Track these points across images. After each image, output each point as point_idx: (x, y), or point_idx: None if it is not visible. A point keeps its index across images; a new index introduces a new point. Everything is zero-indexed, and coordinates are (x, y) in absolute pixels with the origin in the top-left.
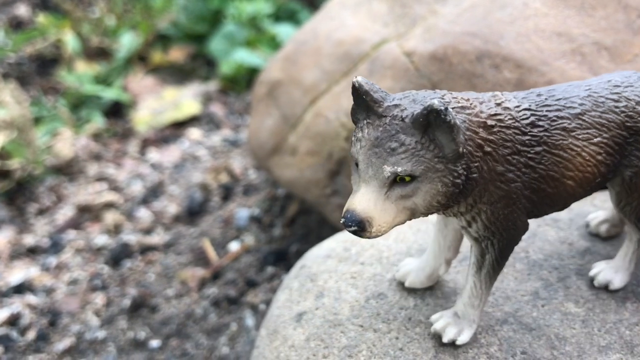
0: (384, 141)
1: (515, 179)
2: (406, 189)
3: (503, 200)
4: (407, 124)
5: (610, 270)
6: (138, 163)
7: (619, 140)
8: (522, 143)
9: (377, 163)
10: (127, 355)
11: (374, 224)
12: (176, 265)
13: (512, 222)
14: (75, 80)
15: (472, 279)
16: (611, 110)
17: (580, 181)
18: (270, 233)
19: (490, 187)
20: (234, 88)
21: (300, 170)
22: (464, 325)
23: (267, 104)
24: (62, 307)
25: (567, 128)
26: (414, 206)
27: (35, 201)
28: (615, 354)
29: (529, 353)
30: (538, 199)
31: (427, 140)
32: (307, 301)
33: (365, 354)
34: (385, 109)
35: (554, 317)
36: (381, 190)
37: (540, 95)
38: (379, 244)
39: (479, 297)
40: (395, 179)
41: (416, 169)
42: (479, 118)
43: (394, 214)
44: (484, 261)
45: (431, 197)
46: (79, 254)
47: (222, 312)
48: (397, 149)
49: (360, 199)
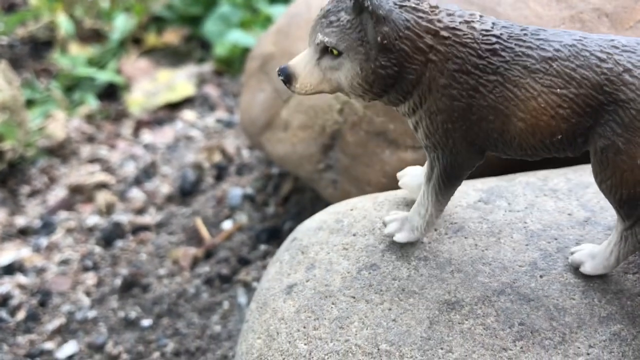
0: (329, 14)
1: (458, 97)
2: (333, 62)
3: (442, 114)
4: (349, 4)
5: (588, 253)
6: (131, 144)
7: (592, 102)
8: (475, 65)
9: (316, 31)
10: (118, 335)
11: (299, 80)
12: (168, 244)
13: (453, 140)
14: (69, 63)
15: (423, 188)
16: (590, 67)
17: (533, 128)
18: (263, 211)
19: (431, 96)
20: (228, 70)
21: (293, 145)
22: (405, 227)
23: (259, 78)
24: (53, 287)
25: (529, 67)
26: (339, 80)
27: (27, 183)
28: (616, 325)
29: (527, 324)
30: (486, 129)
31: (358, 21)
32: (298, 273)
33: (357, 325)
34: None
35: (553, 288)
36: (314, 55)
37: (524, 30)
38: (371, 215)
39: (425, 207)
40: (326, 49)
41: (340, 44)
42: (431, 24)
43: (319, 79)
44: (432, 173)
45: (352, 76)
46: (70, 234)
47: (214, 290)
48: (333, 23)
49: (297, 57)
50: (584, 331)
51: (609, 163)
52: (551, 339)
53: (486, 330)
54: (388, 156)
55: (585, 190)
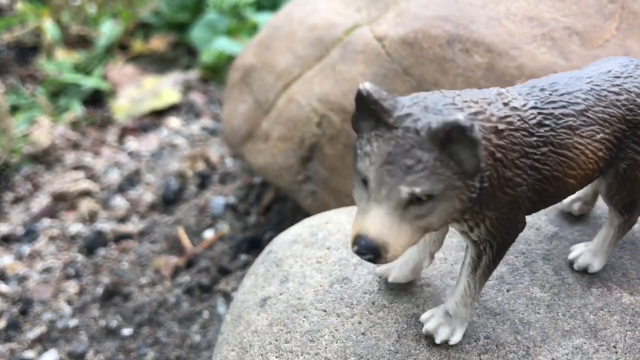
0: (398, 157)
1: (522, 182)
2: (422, 209)
3: (509, 205)
4: (422, 137)
5: (590, 253)
6: (116, 152)
7: (619, 135)
8: (530, 145)
9: (391, 182)
10: (98, 344)
11: (390, 249)
12: (150, 253)
13: (514, 224)
14: (55, 69)
15: (467, 279)
16: (613, 104)
17: (581, 179)
18: (245, 221)
19: (499, 193)
20: (214, 77)
21: (273, 156)
22: (457, 325)
23: (241, 89)
24: (34, 295)
25: (573, 126)
26: (429, 225)
27: (11, 190)
28: (579, 339)
29: (492, 338)
30: (539, 199)
31: (447, 156)
32: (272, 286)
33: (327, 338)
34: (396, 119)
35: (518, 302)
36: (395, 212)
37: (543, 90)
38: (345, 229)
39: (472, 296)
40: (412, 199)
41: (435, 188)
42: (491, 123)
43: (409, 235)
44: (480, 262)
45: (447, 214)
46: (53, 242)
47: (194, 300)
48: (413, 167)
49: (374, 222)
50: (547, 345)
51: (629, 179)
52: (515, 352)
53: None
54: None
55: (553, 206)
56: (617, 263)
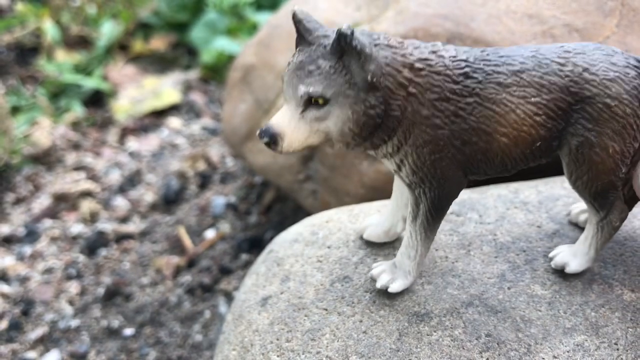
0: (305, 64)
1: (441, 125)
2: (320, 112)
3: (429, 145)
4: (327, 50)
5: (569, 253)
6: (117, 152)
7: (562, 105)
8: (452, 91)
9: (295, 84)
10: (100, 344)
11: (285, 139)
12: (151, 253)
13: (440, 170)
14: (55, 69)
15: (408, 229)
16: (554, 72)
17: (516, 140)
18: (246, 220)
19: (415, 129)
20: (214, 77)
21: (273, 156)
22: (399, 275)
23: (241, 89)
24: (36, 296)
25: (502, 83)
26: (328, 130)
27: (12, 190)
28: (580, 336)
29: (494, 335)
30: (470, 152)
31: (341, 65)
32: (273, 285)
33: (328, 337)
34: (315, 37)
35: (520, 300)
36: (297, 109)
37: (484, 51)
38: (346, 227)
39: (414, 248)
40: (310, 100)
41: (327, 91)
42: (405, 58)
43: (306, 133)
44: (418, 210)
45: (342, 122)
46: (54, 242)
47: (196, 299)
48: (313, 72)
49: (277, 115)
50: (548, 342)
51: (584, 159)
52: (517, 350)
53: (454, 342)
54: (366, 167)
55: (555, 203)
56: (618, 260)
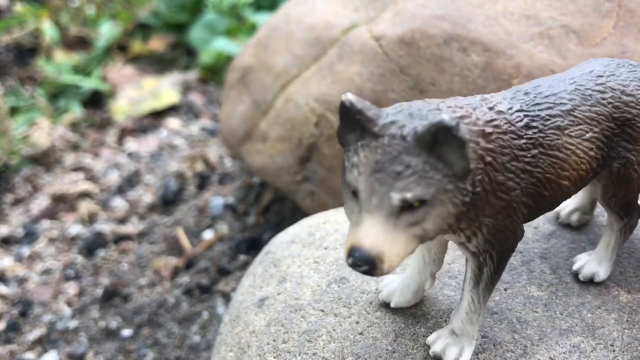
0: (386, 164)
1: (515, 186)
2: (416, 215)
3: (504, 211)
4: (409, 142)
5: (594, 262)
6: (115, 153)
7: (608, 133)
8: (519, 147)
9: (381, 190)
10: (98, 345)
11: (386, 259)
12: (150, 254)
13: (512, 231)
14: (54, 70)
15: (469, 294)
16: (599, 102)
17: (575, 180)
18: (244, 221)
19: (492, 198)
20: (213, 77)
21: (271, 156)
22: (464, 343)
23: (239, 90)
24: (34, 297)
25: (561, 126)
26: (424, 232)
27: (11, 191)
28: (576, 337)
29: (490, 337)
30: (535, 204)
31: (435, 158)
32: (270, 286)
33: (325, 338)
34: (382, 127)
35: (516, 301)
36: (389, 220)
37: (527, 93)
38: (343, 229)
39: (477, 312)
40: (404, 205)
41: (426, 192)
42: (478, 127)
43: (404, 244)
44: (481, 275)
45: (442, 220)
46: (52, 243)
47: (194, 300)
48: (403, 173)
49: (367, 232)
50: (544, 343)
51: (624, 178)
52: (513, 351)
53: None
54: None
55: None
56: (615, 261)
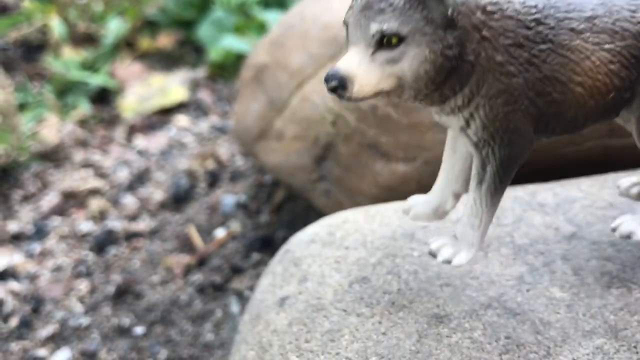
0: (373, 2)
1: (516, 73)
2: (393, 52)
3: (503, 95)
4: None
5: (635, 222)
6: (124, 149)
7: (635, 53)
8: (526, 37)
9: (365, 24)
10: (111, 342)
11: (355, 82)
12: (161, 251)
13: (513, 124)
14: (62, 66)
15: (472, 195)
16: (626, 19)
17: (591, 90)
18: (256, 219)
19: (489, 77)
20: (222, 75)
21: (287, 155)
22: (462, 247)
23: (254, 88)
24: (46, 293)
25: (575, 29)
26: (401, 73)
27: (20, 187)
28: (599, 339)
29: (513, 337)
30: (543, 105)
31: (416, 0)
32: (291, 285)
33: (347, 338)
34: None
35: (538, 302)
36: (367, 50)
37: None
38: (363, 228)
39: (478, 216)
40: (382, 41)
41: (403, 28)
42: (478, 0)
43: (378, 77)
44: (484, 173)
45: (418, 63)
46: (63, 240)
47: (207, 298)
48: (385, 9)
49: (345, 58)
50: (568, 345)
51: None
52: (536, 352)
53: (473, 344)
54: (380, 168)
55: (572, 205)
56: (637, 263)
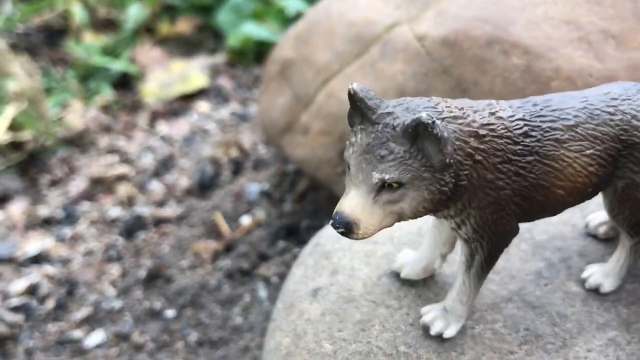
0: (374, 148)
1: (504, 186)
2: (393, 195)
3: (492, 206)
4: (397, 132)
5: (601, 274)
6: (148, 135)
7: (612, 153)
8: (514, 152)
9: (366, 169)
10: (143, 324)
11: (361, 226)
12: (189, 237)
13: (500, 226)
14: (83, 52)
15: (462, 277)
16: (606, 123)
17: (571, 191)
18: (280, 208)
19: (480, 193)
20: (241, 61)
21: (312, 149)
22: (452, 320)
23: (279, 82)
24: (79, 277)
25: (560, 139)
26: (401, 211)
27: (48, 172)
28: (612, 331)
29: (532, 329)
30: (528, 206)
31: (416, 149)
32: (322, 277)
33: (377, 328)
34: (379, 116)
35: (555, 296)
36: (369, 195)
37: (536, 105)
38: None
39: (467, 294)
40: (384, 185)
41: (403, 177)
42: (471, 128)
43: (380, 217)
44: (473, 261)
45: (417, 203)
46: (93, 225)
47: (235, 283)
48: (386, 157)
49: (349, 202)
50: (583, 337)
51: (629, 198)
52: (553, 343)
53: (495, 335)
54: None
55: (588, 204)
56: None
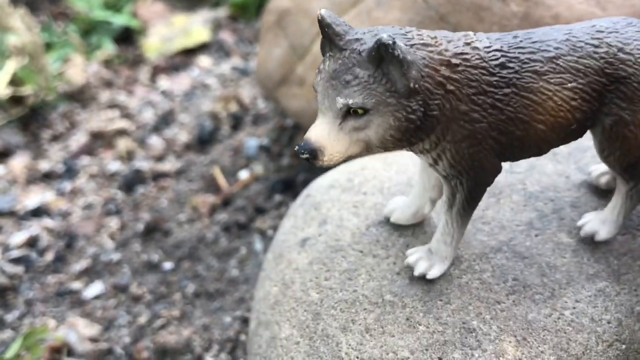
0: (340, 74)
1: (480, 119)
2: (359, 121)
3: (467, 140)
4: (363, 57)
5: (598, 221)
6: (149, 90)
7: (597, 87)
8: (489, 84)
9: (332, 95)
10: (141, 276)
11: (326, 152)
12: (188, 191)
13: (478, 162)
14: (85, 6)
15: (444, 217)
16: (589, 55)
17: (552, 126)
18: (278, 162)
19: (454, 125)
20: (243, 15)
21: (308, 101)
22: (436, 261)
23: (276, 33)
24: (78, 230)
25: (539, 71)
26: (368, 139)
27: (49, 127)
28: (602, 282)
29: (520, 279)
30: (507, 141)
31: (380, 74)
32: (311, 228)
33: (364, 277)
34: (346, 42)
35: (546, 247)
36: (335, 121)
37: (516, 37)
38: (381, 175)
39: (450, 235)
40: (349, 110)
41: (367, 101)
42: (442, 56)
43: (346, 144)
44: (454, 200)
45: (384, 130)
46: (93, 179)
47: (232, 236)
48: (350, 82)
49: (315, 129)
50: (571, 287)
51: (617, 136)
52: (541, 293)
53: (482, 285)
54: None
55: (583, 154)
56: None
